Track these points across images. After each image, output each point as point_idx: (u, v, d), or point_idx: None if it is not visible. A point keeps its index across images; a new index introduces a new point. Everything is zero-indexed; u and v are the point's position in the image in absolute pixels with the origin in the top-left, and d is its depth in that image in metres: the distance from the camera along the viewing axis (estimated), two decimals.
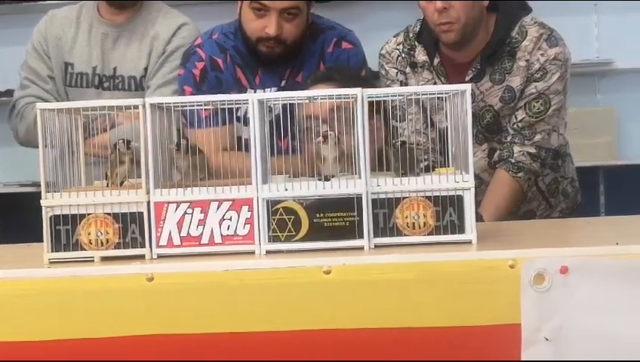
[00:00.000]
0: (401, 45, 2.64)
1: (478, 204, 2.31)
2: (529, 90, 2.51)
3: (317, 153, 1.63)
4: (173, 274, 1.48)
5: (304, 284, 1.45)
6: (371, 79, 2.55)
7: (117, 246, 1.57)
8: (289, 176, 1.67)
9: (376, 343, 1.44)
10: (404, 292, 1.44)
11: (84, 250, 1.57)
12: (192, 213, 1.57)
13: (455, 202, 1.57)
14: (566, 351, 1.42)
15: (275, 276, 1.46)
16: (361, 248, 1.55)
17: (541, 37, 2.51)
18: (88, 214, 1.57)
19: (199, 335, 1.45)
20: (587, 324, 1.42)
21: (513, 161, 2.51)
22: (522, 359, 1.43)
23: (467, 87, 1.58)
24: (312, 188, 1.57)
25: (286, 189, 1.57)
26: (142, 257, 1.56)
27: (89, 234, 1.57)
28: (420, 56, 2.60)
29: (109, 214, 1.57)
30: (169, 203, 1.57)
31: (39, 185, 1.58)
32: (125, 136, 1.63)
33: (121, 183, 1.63)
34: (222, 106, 1.66)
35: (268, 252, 1.56)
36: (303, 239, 1.56)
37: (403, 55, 2.63)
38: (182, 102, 1.69)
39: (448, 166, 1.65)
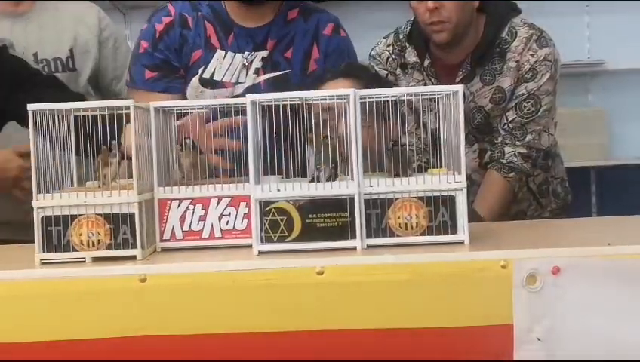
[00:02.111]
0: (391, 47, 2.64)
1: (469, 204, 2.31)
2: (519, 90, 2.52)
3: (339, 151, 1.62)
4: (166, 275, 1.48)
5: (297, 285, 1.45)
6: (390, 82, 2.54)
7: (108, 247, 1.57)
8: (282, 177, 1.67)
9: (368, 344, 1.44)
10: (396, 292, 1.44)
11: (76, 250, 1.57)
12: (193, 209, 1.65)
13: (447, 202, 1.57)
14: (558, 351, 1.42)
15: (267, 277, 1.46)
16: (354, 249, 1.55)
17: (531, 38, 2.52)
18: (80, 215, 1.57)
19: (192, 336, 1.45)
20: (579, 324, 1.42)
21: (504, 161, 2.52)
22: (514, 359, 1.43)
23: (460, 88, 1.58)
24: (304, 189, 1.57)
25: (278, 190, 1.57)
26: (133, 258, 1.56)
27: (80, 234, 1.57)
28: (411, 57, 2.60)
29: (100, 215, 1.57)
30: (172, 200, 1.65)
31: None
32: (109, 139, 1.62)
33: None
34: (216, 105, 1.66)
35: (260, 252, 1.56)
36: (296, 240, 1.56)
37: (393, 56, 2.63)
38: (177, 106, 1.72)
39: (440, 166, 1.65)
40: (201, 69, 2.35)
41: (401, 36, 2.63)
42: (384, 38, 2.69)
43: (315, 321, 1.44)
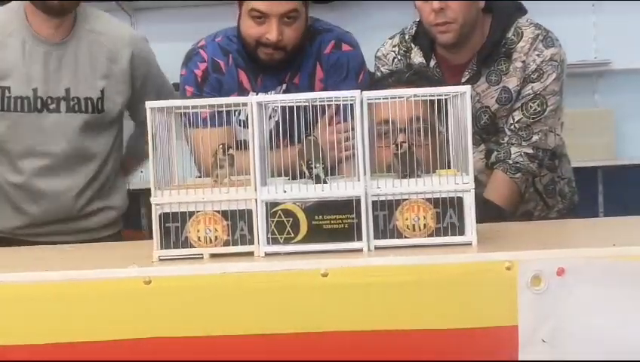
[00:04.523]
0: (396, 47, 2.64)
1: (482, 200, 2.31)
2: (525, 90, 2.52)
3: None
4: (170, 278, 1.48)
5: (301, 287, 1.45)
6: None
7: (226, 244, 1.57)
8: (288, 179, 1.68)
9: (373, 346, 1.44)
10: (400, 294, 1.44)
11: (193, 247, 1.57)
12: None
13: (455, 204, 1.57)
14: (563, 352, 1.42)
15: (272, 279, 1.46)
16: (361, 250, 1.55)
17: (537, 38, 2.52)
18: (197, 212, 1.57)
19: (197, 339, 1.45)
20: (584, 326, 1.42)
21: (511, 161, 2.51)
22: (519, 360, 1.43)
23: (467, 89, 1.58)
24: (310, 191, 1.57)
25: (285, 191, 1.57)
26: (251, 254, 1.56)
27: (198, 231, 1.57)
28: (416, 57, 2.60)
29: (217, 212, 1.57)
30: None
31: None
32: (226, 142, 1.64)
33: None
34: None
35: (267, 254, 1.56)
36: (302, 241, 1.56)
37: (399, 57, 2.63)
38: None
39: (448, 167, 1.65)
40: (238, 111, 2.39)
41: (406, 37, 2.64)
42: (390, 38, 2.69)
43: (320, 323, 1.44)
